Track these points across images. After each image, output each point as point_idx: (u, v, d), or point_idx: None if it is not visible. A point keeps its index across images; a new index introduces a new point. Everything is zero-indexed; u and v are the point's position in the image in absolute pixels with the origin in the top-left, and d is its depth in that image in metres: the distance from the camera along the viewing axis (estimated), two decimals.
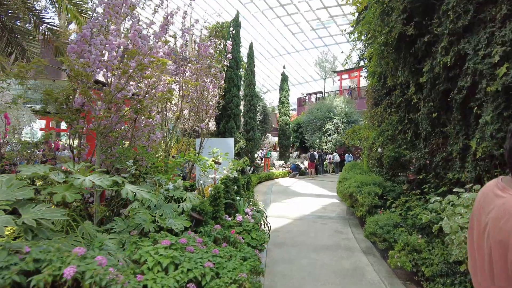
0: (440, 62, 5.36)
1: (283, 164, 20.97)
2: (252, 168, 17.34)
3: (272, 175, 18.47)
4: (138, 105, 4.76)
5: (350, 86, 32.01)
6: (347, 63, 9.20)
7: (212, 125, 15.11)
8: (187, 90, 8.51)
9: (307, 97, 33.77)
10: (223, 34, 20.20)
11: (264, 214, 6.29)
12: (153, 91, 5.04)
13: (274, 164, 21.02)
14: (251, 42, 18.30)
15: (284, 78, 22.94)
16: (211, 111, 14.49)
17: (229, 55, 7.63)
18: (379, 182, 7.42)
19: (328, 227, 7.80)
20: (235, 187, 6.50)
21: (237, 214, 5.38)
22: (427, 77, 6.13)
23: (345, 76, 32.46)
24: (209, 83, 13.54)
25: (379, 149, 7.91)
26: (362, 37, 10.55)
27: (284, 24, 34.74)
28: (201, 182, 5.93)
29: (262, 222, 6.11)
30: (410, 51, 6.93)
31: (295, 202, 11.13)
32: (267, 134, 24.54)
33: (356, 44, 10.46)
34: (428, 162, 6.49)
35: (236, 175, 6.33)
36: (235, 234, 4.75)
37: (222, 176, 5.74)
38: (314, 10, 31.11)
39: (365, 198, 6.88)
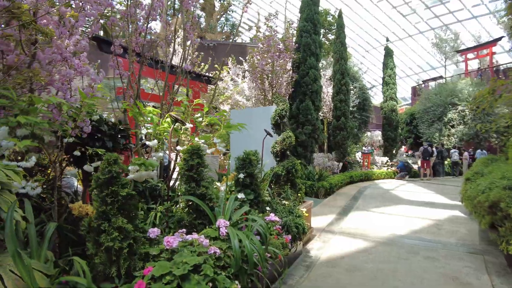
0: None
1: (387, 161, 16.33)
2: (341, 165, 13.61)
3: (370, 175, 14.29)
4: None
5: (479, 67, 24.38)
6: None
7: None
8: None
9: (423, 85, 27.38)
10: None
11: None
12: None
13: (376, 162, 16.63)
14: (340, 10, 14.61)
15: (388, 53, 18.05)
16: (283, 89, 11.62)
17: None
18: None
19: (439, 267, 3.97)
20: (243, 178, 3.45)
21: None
22: None
23: (471, 55, 24.87)
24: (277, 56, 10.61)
25: None
26: None
27: (393, 6, 29.07)
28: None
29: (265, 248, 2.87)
30: None
31: (391, 213, 7.23)
32: (369, 126, 20.00)
33: None
34: None
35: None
36: None
37: (185, 148, 2.78)
38: None
39: None
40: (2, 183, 1.68)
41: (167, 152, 4.36)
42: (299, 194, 4.87)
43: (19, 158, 2.55)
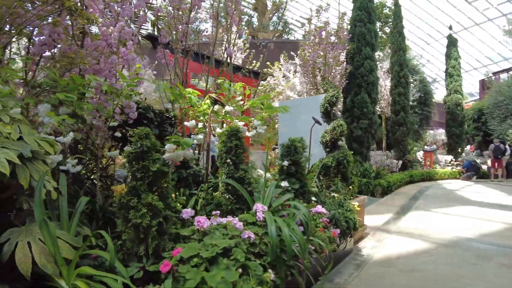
0: None
1: (451, 160, 14.90)
2: (400, 163, 12.72)
3: (433, 175, 13.18)
4: None
5: None
6: None
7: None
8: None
9: (494, 77, 24.61)
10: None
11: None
12: None
13: (439, 161, 15.30)
14: None
15: (452, 42, 16.43)
16: (336, 81, 11.09)
17: None
18: None
19: None
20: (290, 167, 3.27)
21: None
22: None
23: None
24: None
25: None
26: None
27: None
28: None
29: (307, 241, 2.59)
30: None
31: (456, 214, 6.50)
32: (431, 124, 18.48)
33: None
34: None
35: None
36: None
37: (224, 129, 2.65)
38: None
39: None
40: (33, 152, 1.67)
41: (215, 142, 4.31)
42: (350, 187, 4.52)
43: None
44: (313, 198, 3.54)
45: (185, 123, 2.72)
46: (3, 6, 2.62)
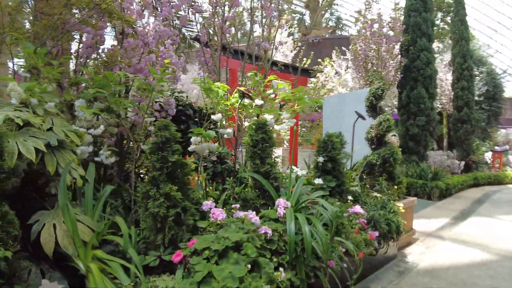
0: None
1: None
2: (463, 164, 11.61)
3: (502, 178, 11.91)
4: None
5: None
6: None
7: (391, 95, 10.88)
8: None
9: None
10: None
11: None
12: None
13: (510, 163, 13.71)
14: None
15: None
16: (391, 76, 10.42)
17: None
18: None
19: None
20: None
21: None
22: None
23: None
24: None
25: None
26: None
27: None
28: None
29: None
30: None
31: None
32: (503, 122, 16.61)
33: None
34: None
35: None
36: None
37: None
38: None
39: None
40: (62, 142, 1.78)
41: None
42: (395, 187, 4.21)
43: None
44: (350, 197, 3.35)
45: (212, 116, 2.73)
46: (55, 15, 2.85)
